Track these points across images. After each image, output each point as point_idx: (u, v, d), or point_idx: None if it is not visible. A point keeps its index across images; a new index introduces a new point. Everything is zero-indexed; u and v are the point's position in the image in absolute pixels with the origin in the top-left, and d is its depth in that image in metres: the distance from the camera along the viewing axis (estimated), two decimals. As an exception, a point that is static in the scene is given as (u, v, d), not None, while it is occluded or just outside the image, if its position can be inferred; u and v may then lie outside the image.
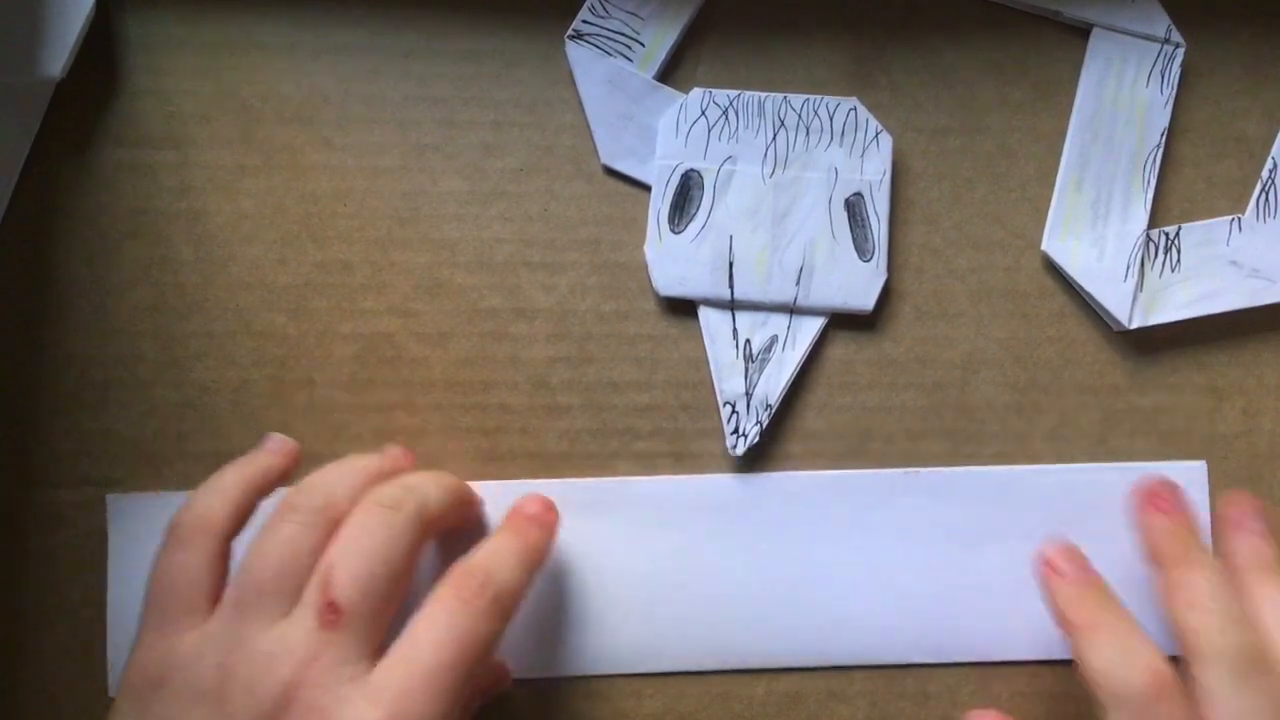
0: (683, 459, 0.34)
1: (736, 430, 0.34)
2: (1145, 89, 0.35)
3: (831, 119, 0.34)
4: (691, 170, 0.34)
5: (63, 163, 0.35)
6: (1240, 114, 0.35)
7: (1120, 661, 0.28)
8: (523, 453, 0.34)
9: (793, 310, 0.34)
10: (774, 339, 0.34)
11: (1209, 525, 0.34)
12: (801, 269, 0.34)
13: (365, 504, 0.29)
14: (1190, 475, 0.34)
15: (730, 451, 0.34)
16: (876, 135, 0.34)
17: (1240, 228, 0.35)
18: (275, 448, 0.32)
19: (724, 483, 0.34)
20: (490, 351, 0.35)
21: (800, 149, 0.34)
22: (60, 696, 0.34)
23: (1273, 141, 0.35)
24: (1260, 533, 0.31)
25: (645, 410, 0.34)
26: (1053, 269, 0.35)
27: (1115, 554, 0.32)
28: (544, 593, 0.34)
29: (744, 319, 0.34)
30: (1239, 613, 0.28)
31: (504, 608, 0.28)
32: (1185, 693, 0.27)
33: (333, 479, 0.30)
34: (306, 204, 0.35)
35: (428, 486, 0.30)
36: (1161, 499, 0.31)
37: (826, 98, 0.34)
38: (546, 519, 0.32)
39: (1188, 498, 0.32)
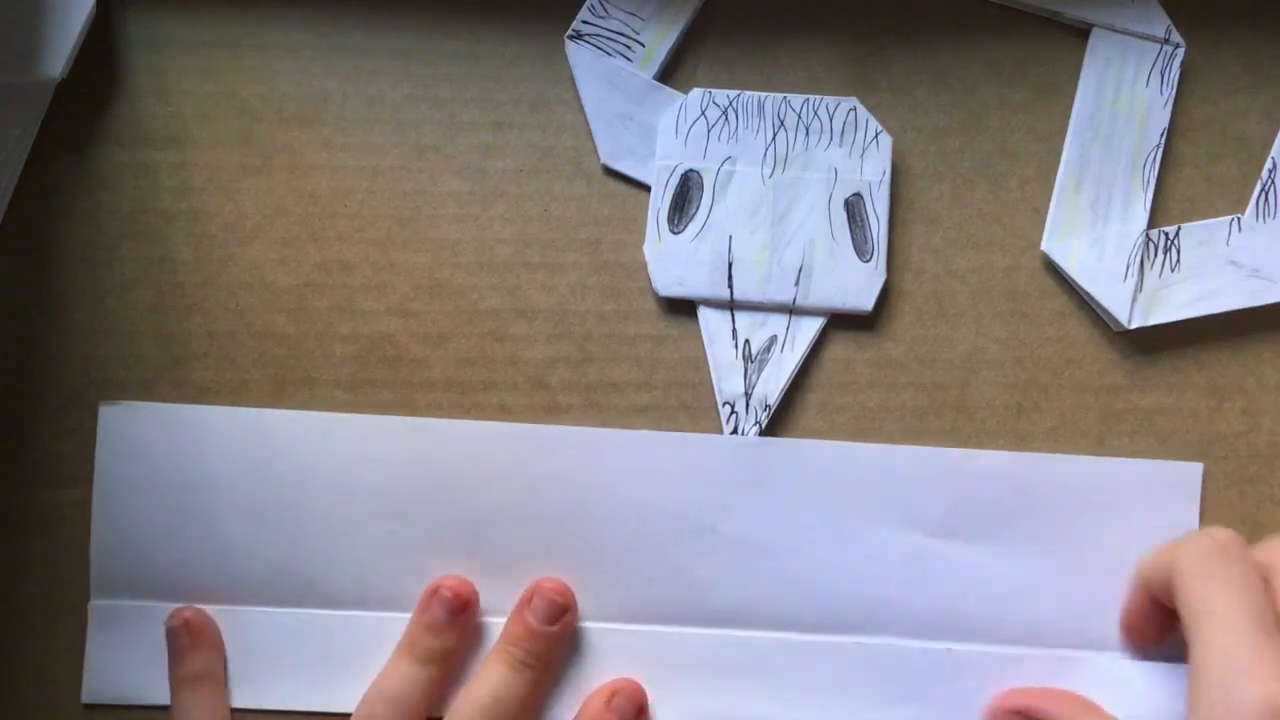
0: (682, 459, 0.34)
1: (736, 430, 0.34)
2: (1145, 89, 0.35)
3: (831, 119, 0.34)
4: (691, 170, 0.34)
5: (63, 163, 0.35)
6: (1240, 114, 0.35)
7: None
8: (522, 453, 0.34)
9: (792, 310, 0.34)
10: (773, 339, 0.34)
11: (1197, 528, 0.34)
12: (801, 269, 0.34)
13: None
14: (1185, 477, 0.34)
15: (730, 451, 0.34)
16: (876, 135, 0.34)
17: (1240, 228, 0.35)
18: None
19: (728, 444, 0.34)
20: (490, 351, 0.35)
21: (800, 149, 0.34)
22: (59, 697, 0.34)
23: (1273, 141, 0.35)
24: None
25: (645, 410, 0.34)
26: (1053, 269, 0.35)
27: (1112, 545, 0.33)
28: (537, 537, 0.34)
29: (743, 319, 0.34)
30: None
31: None
32: None
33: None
34: (306, 204, 0.35)
35: None
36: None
37: (826, 98, 0.34)
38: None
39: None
